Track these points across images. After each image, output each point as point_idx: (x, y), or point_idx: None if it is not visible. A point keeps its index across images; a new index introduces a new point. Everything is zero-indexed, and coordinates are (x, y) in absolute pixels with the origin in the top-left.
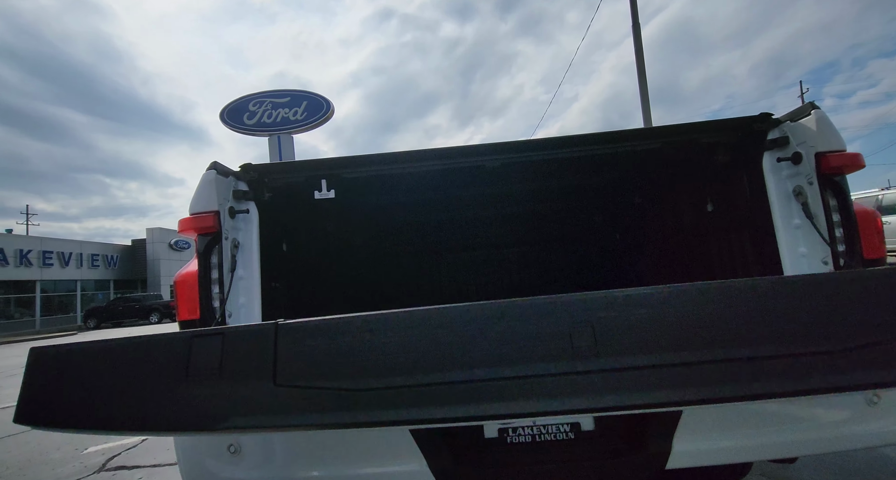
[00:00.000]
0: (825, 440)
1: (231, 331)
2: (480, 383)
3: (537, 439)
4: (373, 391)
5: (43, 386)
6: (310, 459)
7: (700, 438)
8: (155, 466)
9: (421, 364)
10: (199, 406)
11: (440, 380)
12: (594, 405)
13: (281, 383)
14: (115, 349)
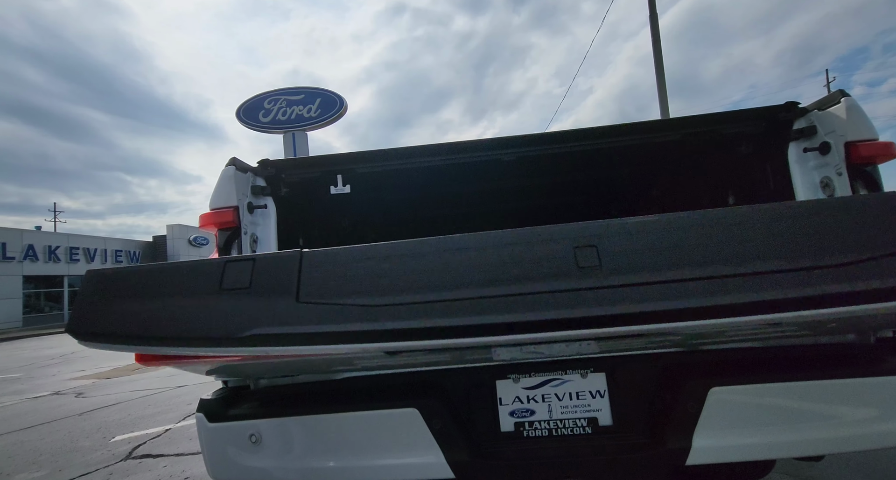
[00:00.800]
0: (853, 438)
1: (261, 257)
2: (489, 299)
3: (554, 433)
4: (386, 306)
5: (94, 304)
6: (327, 450)
7: (722, 434)
8: (178, 455)
9: (433, 284)
10: (229, 317)
11: (451, 297)
12: (600, 313)
13: (302, 300)
14: (158, 271)
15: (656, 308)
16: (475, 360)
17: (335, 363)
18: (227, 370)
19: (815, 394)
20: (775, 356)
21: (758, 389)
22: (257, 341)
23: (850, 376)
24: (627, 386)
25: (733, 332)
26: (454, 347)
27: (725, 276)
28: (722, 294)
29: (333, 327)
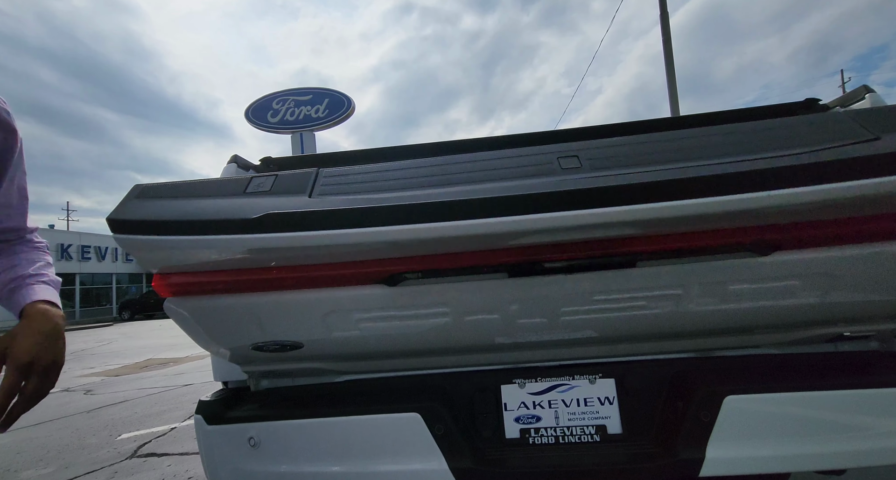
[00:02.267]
0: (877, 452)
1: (282, 173)
2: (482, 189)
3: (561, 440)
4: (386, 204)
5: (134, 203)
6: (327, 454)
7: (738, 445)
8: (183, 454)
9: (432, 182)
10: (248, 206)
11: (448, 192)
12: (581, 191)
13: (314, 196)
14: (191, 183)
15: (629, 182)
16: (481, 347)
17: (347, 303)
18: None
19: (838, 405)
20: (795, 364)
21: (777, 398)
22: (271, 222)
23: (874, 386)
24: (637, 393)
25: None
26: (452, 235)
27: (689, 166)
28: (687, 177)
29: (341, 210)
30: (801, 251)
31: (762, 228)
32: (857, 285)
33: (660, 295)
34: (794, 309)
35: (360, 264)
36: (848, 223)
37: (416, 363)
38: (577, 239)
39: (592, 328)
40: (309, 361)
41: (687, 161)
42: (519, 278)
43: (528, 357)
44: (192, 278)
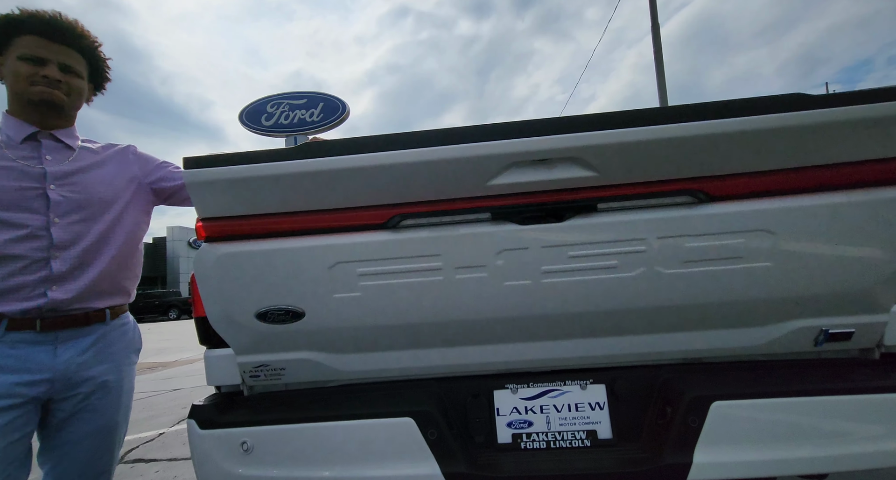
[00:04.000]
0: (859, 456)
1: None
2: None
3: (552, 445)
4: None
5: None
6: (320, 459)
7: (724, 450)
8: (171, 460)
9: (421, 142)
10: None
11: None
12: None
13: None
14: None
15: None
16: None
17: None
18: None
19: (821, 410)
20: (780, 369)
21: (762, 404)
22: (308, 149)
23: (854, 392)
24: (628, 399)
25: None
26: (448, 157)
27: None
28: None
29: (353, 139)
30: (743, 202)
31: (702, 177)
32: (806, 252)
33: (625, 252)
34: (757, 283)
35: (363, 208)
36: (784, 173)
37: (410, 358)
38: (546, 180)
39: (572, 298)
40: (307, 347)
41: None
42: (500, 223)
43: (520, 354)
44: (227, 223)
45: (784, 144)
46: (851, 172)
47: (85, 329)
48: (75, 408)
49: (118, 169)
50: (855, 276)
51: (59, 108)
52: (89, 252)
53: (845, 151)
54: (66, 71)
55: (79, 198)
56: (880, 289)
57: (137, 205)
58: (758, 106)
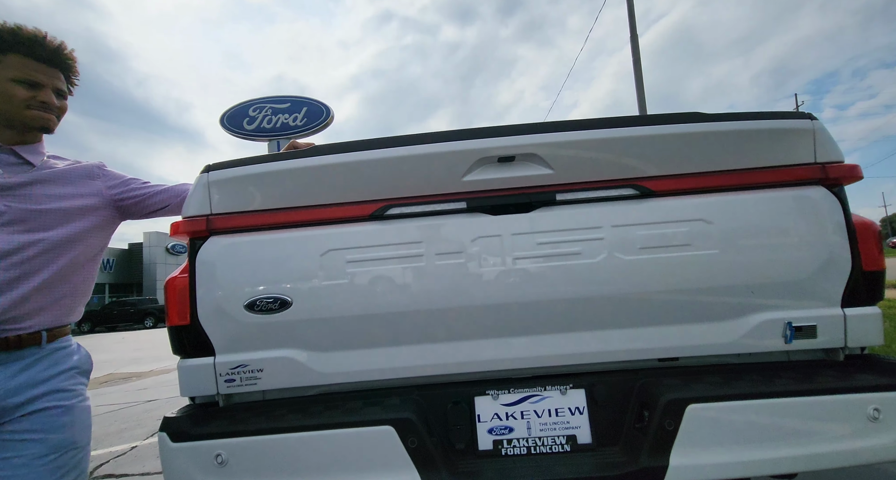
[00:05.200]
0: (826, 455)
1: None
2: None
3: (533, 451)
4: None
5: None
6: (298, 470)
7: (699, 452)
8: (144, 474)
9: (404, 143)
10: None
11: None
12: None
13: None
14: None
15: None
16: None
17: None
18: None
19: (790, 412)
20: (751, 372)
21: (735, 406)
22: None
23: (820, 393)
24: (607, 403)
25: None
26: (427, 153)
27: None
28: None
29: (344, 142)
30: (679, 197)
31: (642, 177)
32: (742, 241)
33: (586, 239)
34: (709, 269)
35: (353, 203)
36: (710, 175)
37: (391, 358)
38: (512, 177)
39: (544, 284)
40: (288, 344)
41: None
42: (474, 214)
43: (500, 354)
44: (232, 218)
45: (695, 148)
46: (756, 175)
47: (16, 353)
48: (16, 433)
49: (79, 184)
50: (789, 266)
51: (48, 131)
52: (30, 264)
53: (744, 157)
54: (59, 95)
55: (25, 209)
56: (818, 279)
57: (95, 221)
58: (672, 119)
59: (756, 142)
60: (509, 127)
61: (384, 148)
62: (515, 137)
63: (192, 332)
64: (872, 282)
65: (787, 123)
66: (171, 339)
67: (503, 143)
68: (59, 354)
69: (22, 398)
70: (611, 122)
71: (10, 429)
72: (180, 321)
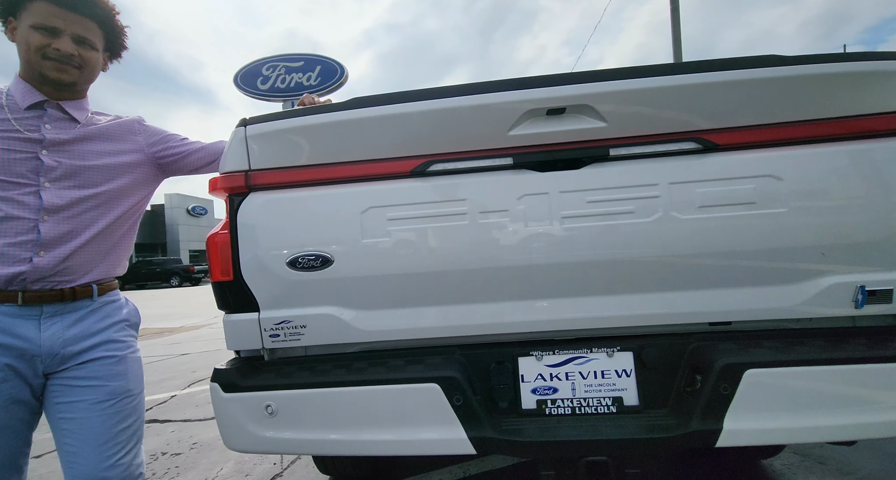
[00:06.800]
0: (887, 424)
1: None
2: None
3: (577, 412)
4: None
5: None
6: (345, 423)
7: (755, 417)
8: (186, 420)
9: (447, 94)
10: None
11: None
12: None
13: None
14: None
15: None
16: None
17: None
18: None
19: (856, 378)
20: (811, 338)
21: (796, 372)
22: (353, 103)
23: (886, 360)
24: (655, 366)
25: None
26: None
27: None
28: None
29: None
30: (745, 151)
31: (704, 130)
32: (816, 198)
33: (640, 197)
34: (776, 229)
35: (394, 158)
36: (781, 126)
37: (433, 317)
38: (562, 131)
39: (592, 243)
40: (331, 301)
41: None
42: (521, 171)
43: (544, 314)
44: (273, 173)
45: (768, 97)
46: (839, 125)
47: (71, 305)
48: (74, 379)
49: (121, 140)
50: (866, 225)
51: (71, 85)
52: (81, 219)
53: (824, 106)
54: (79, 43)
55: (74, 164)
56: None
57: (139, 177)
58: (743, 63)
59: (841, 88)
60: (560, 76)
61: (426, 100)
62: (567, 86)
63: (236, 287)
64: None
65: (878, 66)
66: (216, 294)
67: (553, 93)
68: (110, 307)
69: (78, 347)
70: (673, 68)
71: (72, 375)
72: (224, 276)
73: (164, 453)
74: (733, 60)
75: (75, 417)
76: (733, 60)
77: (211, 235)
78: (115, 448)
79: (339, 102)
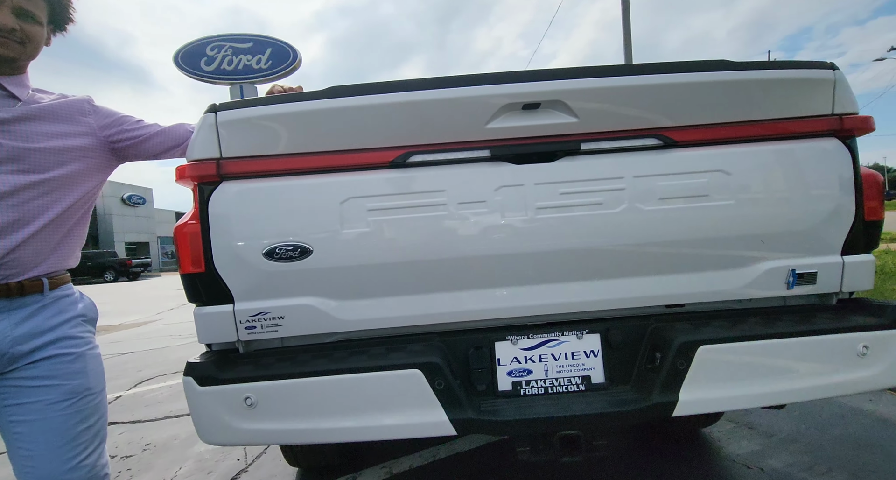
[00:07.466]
0: (817, 388)
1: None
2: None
3: (550, 391)
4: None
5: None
6: (331, 411)
7: (704, 389)
8: (135, 422)
9: (426, 86)
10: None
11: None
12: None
13: None
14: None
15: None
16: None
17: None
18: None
19: (789, 350)
20: (753, 316)
21: (740, 347)
22: (331, 92)
23: (811, 334)
24: (620, 346)
25: None
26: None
27: None
28: None
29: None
30: (701, 148)
31: (665, 127)
32: (758, 192)
33: (608, 189)
34: (724, 219)
35: (374, 149)
36: (731, 126)
37: (412, 305)
38: (537, 125)
39: (565, 233)
40: (310, 292)
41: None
42: (498, 163)
43: (519, 301)
44: (247, 162)
45: (717, 98)
46: (773, 127)
47: (18, 300)
48: (25, 379)
49: (70, 121)
50: (799, 216)
51: (10, 60)
52: (28, 207)
53: (765, 108)
54: (22, 16)
55: (17, 146)
56: (823, 228)
57: (91, 163)
58: (697, 66)
59: (778, 92)
60: (535, 72)
61: (407, 91)
62: (542, 82)
63: (209, 279)
64: (872, 231)
65: (810, 73)
66: (186, 286)
67: (529, 89)
68: (63, 302)
69: (29, 346)
70: (638, 68)
71: (23, 376)
72: (195, 268)
73: (114, 456)
74: (689, 63)
75: (28, 419)
76: (689, 63)
77: (179, 225)
78: (76, 449)
79: (316, 91)
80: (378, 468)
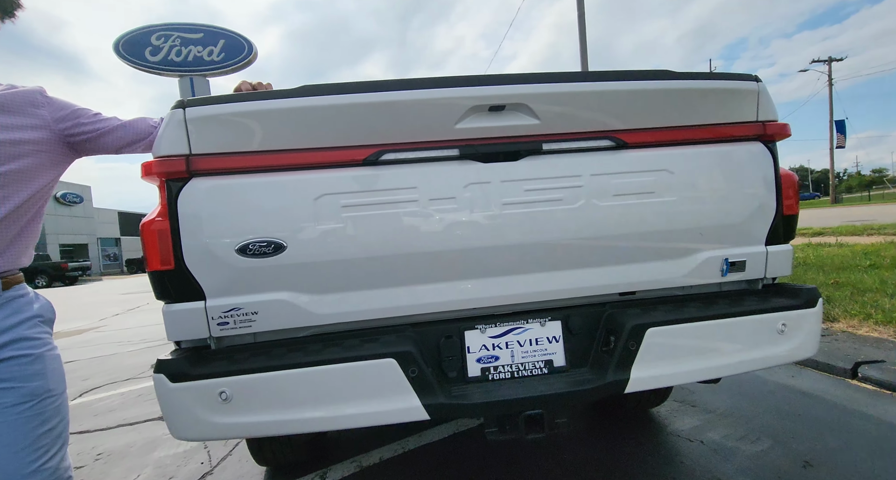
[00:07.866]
0: (746, 362)
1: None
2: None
3: (515, 375)
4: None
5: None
6: (306, 403)
7: (653, 366)
8: (84, 432)
9: (399, 87)
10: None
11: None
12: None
13: None
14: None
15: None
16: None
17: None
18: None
19: (723, 330)
20: (693, 301)
21: (682, 328)
22: (304, 91)
23: (739, 315)
24: (579, 332)
25: None
26: (420, 99)
27: None
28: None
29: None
30: (649, 149)
31: (618, 130)
32: (696, 189)
33: (567, 186)
34: (668, 213)
35: (347, 147)
36: (674, 129)
37: (385, 298)
38: (502, 126)
39: (529, 227)
40: (284, 287)
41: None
42: (467, 161)
43: (487, 292)
44: (218, 159)
45: (661, 104)
46: (709, 131)
47: None
48: None
49: (21, 113)
50: (730, 211)
51: None
52: None
53: (701, 114)
54: None
55: None
56: (751, 222)
57: (45, 158)
58: (644, 75)
59: (712, 100)
60: (501, 76)
61: (378, 91)
62: (506, 86)
63: (178, 276)
64: (789, 224)
65: (738, 84)
66: (154, 284)
67: (495, 91)
68: (18, 302)
69: None
70: (594, 75)
71: None
72: (164, 266)
73: None
74: (637, 72)
75: None
76: (637, 72)
77: (146, 222)
78: (37, 453)
79: (289, 90)
80: (348, 462)
